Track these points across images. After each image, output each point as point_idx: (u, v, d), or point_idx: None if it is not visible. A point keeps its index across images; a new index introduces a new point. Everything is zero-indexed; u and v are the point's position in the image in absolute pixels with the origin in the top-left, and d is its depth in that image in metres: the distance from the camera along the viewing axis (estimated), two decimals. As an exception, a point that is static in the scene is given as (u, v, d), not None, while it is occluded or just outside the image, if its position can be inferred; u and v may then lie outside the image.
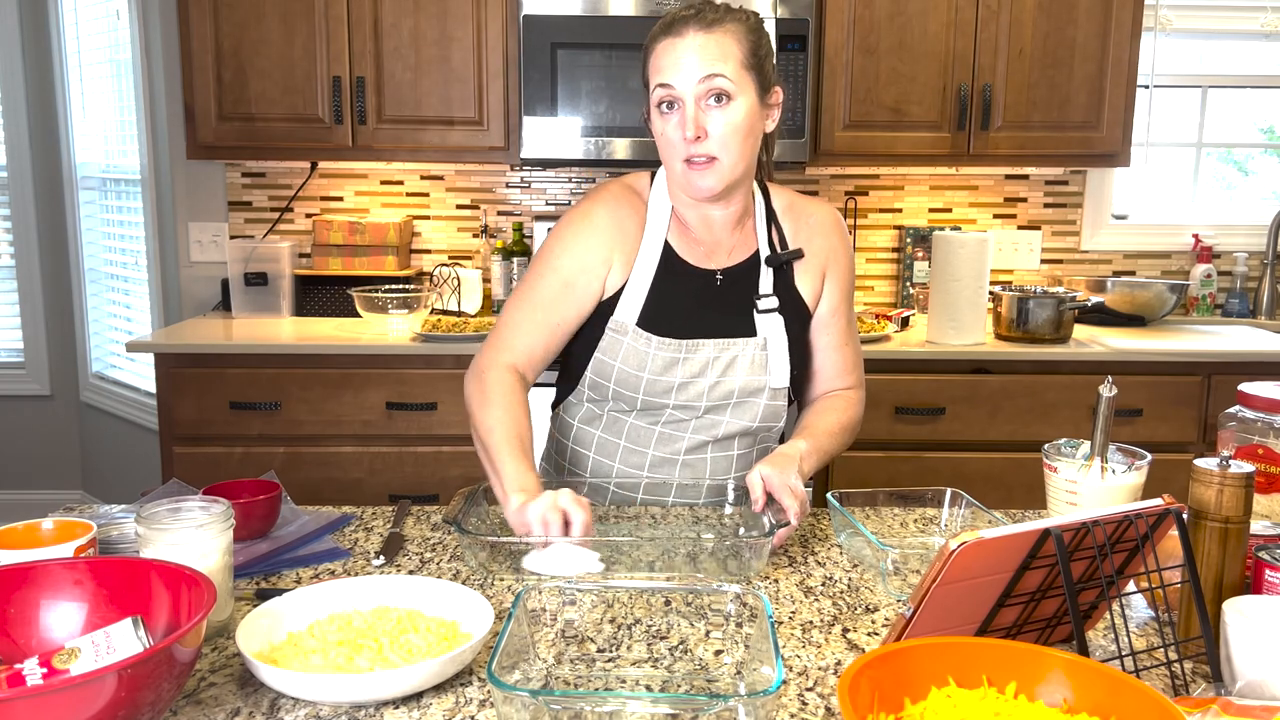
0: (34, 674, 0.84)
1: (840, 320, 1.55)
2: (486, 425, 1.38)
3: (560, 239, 1.48)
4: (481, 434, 1.39)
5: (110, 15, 3.40)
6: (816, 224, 1.54)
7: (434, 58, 2.80)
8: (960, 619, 0.93)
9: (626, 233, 1.48)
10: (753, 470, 1.34)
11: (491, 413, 1.38)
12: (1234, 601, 0.95)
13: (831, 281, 1.54)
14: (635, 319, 1.46)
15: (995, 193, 3.29)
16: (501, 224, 3.25)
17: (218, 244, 3.22)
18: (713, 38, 1.35)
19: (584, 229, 1.48)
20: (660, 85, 1.37)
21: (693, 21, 1.35)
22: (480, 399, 1.41)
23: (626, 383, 1.46)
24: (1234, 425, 1.30)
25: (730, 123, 1.36)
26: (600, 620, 1.08)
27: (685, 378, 1.45)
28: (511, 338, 1.46)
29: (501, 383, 1.41)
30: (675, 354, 1.45)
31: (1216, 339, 2.83)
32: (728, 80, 1.34)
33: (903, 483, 2.62)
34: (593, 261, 1.46)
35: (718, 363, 1.46)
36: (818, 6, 2.80)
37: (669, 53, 1.36)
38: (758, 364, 1.47)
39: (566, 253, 1.47)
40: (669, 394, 1.46)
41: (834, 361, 1.56)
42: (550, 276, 1.47)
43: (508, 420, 1.37)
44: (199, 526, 1.02)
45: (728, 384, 1.46)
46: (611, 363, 1.46)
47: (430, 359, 2.63)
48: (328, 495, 2.65)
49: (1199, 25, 3.35)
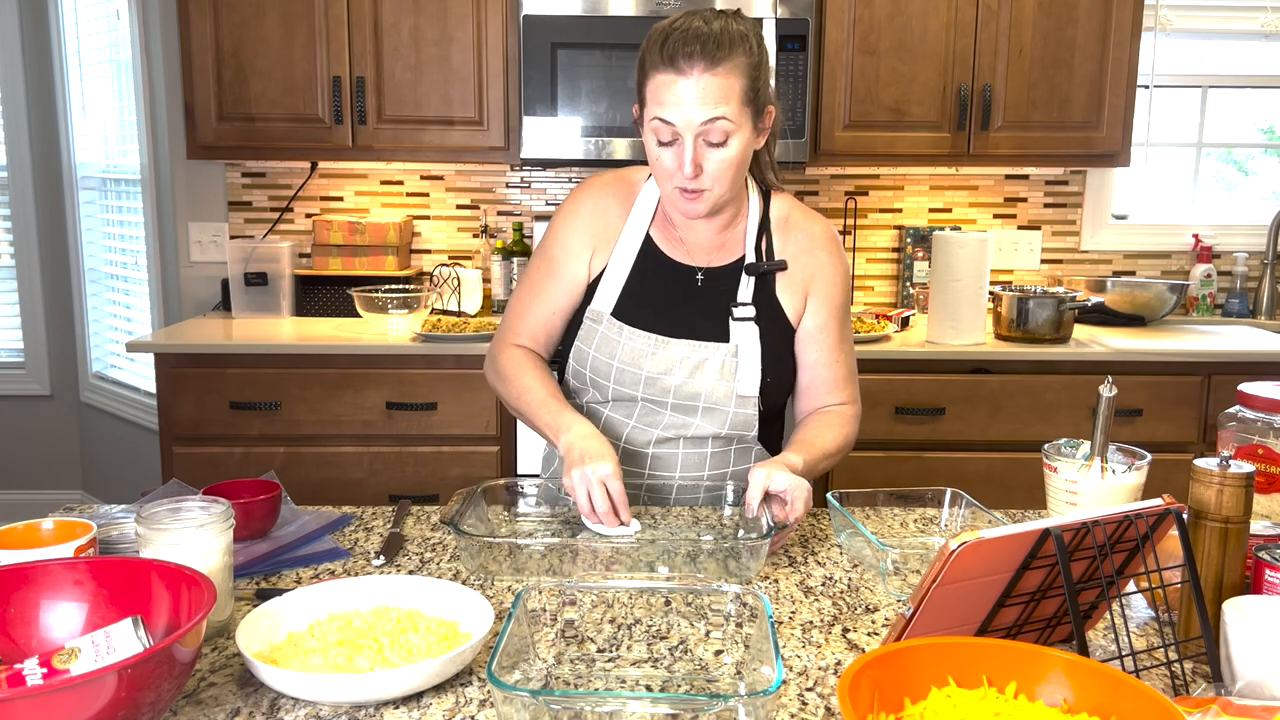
0: (34, 674, 0.84)
1: (829, 337, 1.53)
2: (516, 393, 1.49)
3: (550, 229, 1.57)
4: (514, 403, 1.50)
5: (110, 15, 3.40)
6: (806, 241, 1.52)
7: (434, 58, 2.80)
8: (960, 619, 0.93)
9: (608, 221, 1.53)
10: (754, 470, 1.33)
11: (516, 381, 1.50)
12: (1234, 601, 0.95)
13: (816, 299, 1.52)
14: (610, 308, 1.50)
15: (995, 193, 3.29)
16: (501, 224, 3.25)
17: (218, 244, 3.22)
18: (716, 79, 1.31)
19: (568, 216, 1.55)
20: (659, 120, 1.35)
21: (698, 59, 1.31)
22: (501, 377, 1.53)
23: (600, 370, 1.50)
24: (1234, 425, 1.30)
25: (725, 159, 1.37)
26: (600, 620, 1.08)
27: (653, 372, 1.47)
28: (516, 325, 1.57)
29: (515, 357, 1.53)
30: (645, 347, 1.47)
31: (1216, 339, 2.83)
32: (728, 121, 1.34)
33: (903, 483, 2.62)
34: (576, 247, 1.53)
35: (686, 363, 1.47)
36: (818, 6, 2.80)
37: (670, 89, 1.33)
38: (727, 370, 1.47)
39: (555, 241, 1.55)
40: (637, 386, 1.48)
41: (823, 378, 1.53)
42: (544, 268, 1.56)
43: (534, 382, 1.47)
44: (199, 526, 1.02)
45: (694, 385, 1.47)
46: (587, 350, 1.51)
47: (430, 359, 2.63)
48: (328, 495, 2.65)
49: (1199, 25, 3.35)
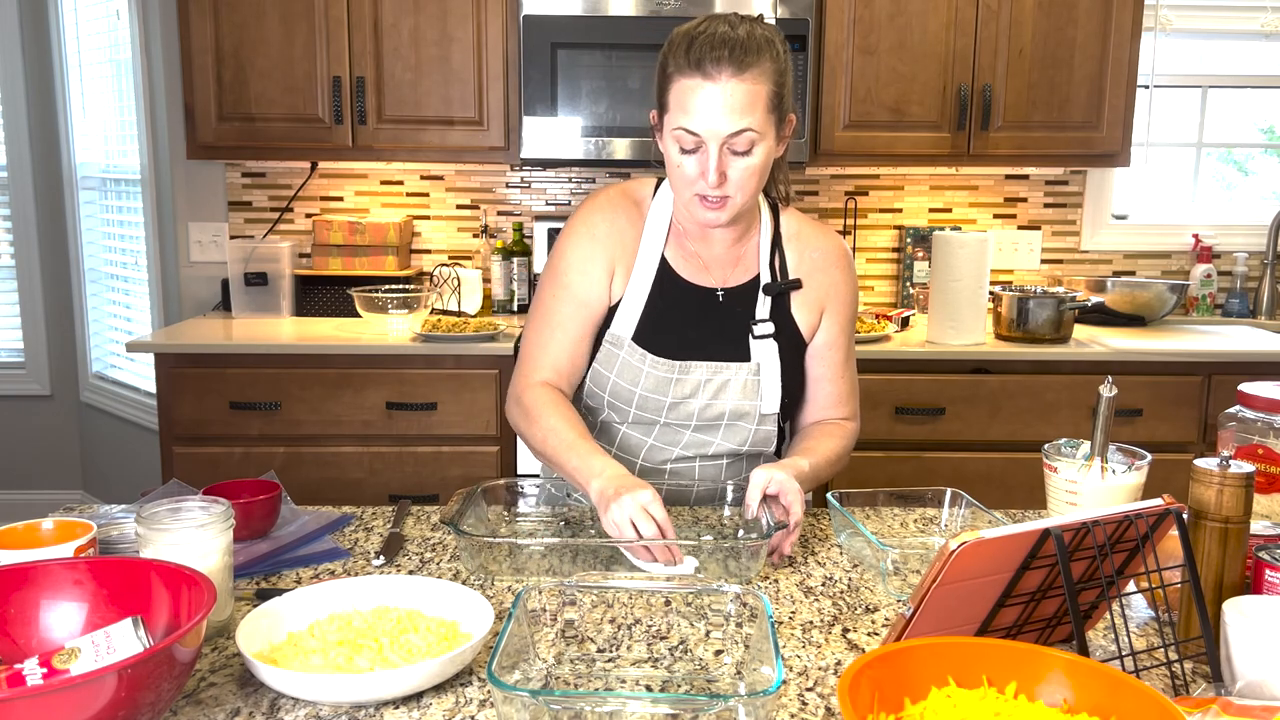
0: (34, 674, 0.84)
1: (837, 354, 1.54)
2: (541, 436, 1.40)
3: (563, 255, 1.50)
4: (538, 446, 1.41)
5: (110, 15, 3.40)
6: (820, 259, 1.52)
7: (434, 58, 2.80)
8: (960, 619, 0.93)
9: (625, 242, 1.49)
10: (755, 471, 1.33)
11: (542, 422, 1.40)
12: (1234, 601, 0.95)
13: (829, 317, 1.53)
14: (631, 334, 1.47)
15: (995, 193, 3.29)
16: (501, 224, 3.25)
17: (218, 244, 3.22)
18: (744, 86, 1.30)
19: (581, 238, 1.49)
20: (684, 129, 1.33)
21: (726, 64, 1.29)
22: (525, 417, 1.44)
23: (620, 395, 1.47)
24: (1234, 425, 1.30)
25: (749, 168, 1.35)
26: (600, 620, 1.08)
27: (677, 398, 1.46)
28: (538, 359, 1.48)
29: (541, 397, 1.44)
30: (668, 374, 1.45)
31: (1216, 339, 2.83)
32: (754, 131, 1.32)
33: (903, 483, 2.62)
34: (597, 273, 1.47)
35: (710, 385, 1.46)
36: (818, 6, 2.80)
37: (696, 95, 1.31)
38: (750, 389, 1.47)
39: (572, 268, 1.48)
40: (660, 411, 1.47)
41: (828, 393, 1.54)
42: (562, 295, 1.48)
43: (560, 424, 1.39)
44: (199, 526, 1.02)
45: (719, 406, 1.47)
46: (607, 374, 1.47)
47: (430, 359, 2.63)
48: (328, 495, 2.65)
49: (1199, 25, 3.35)
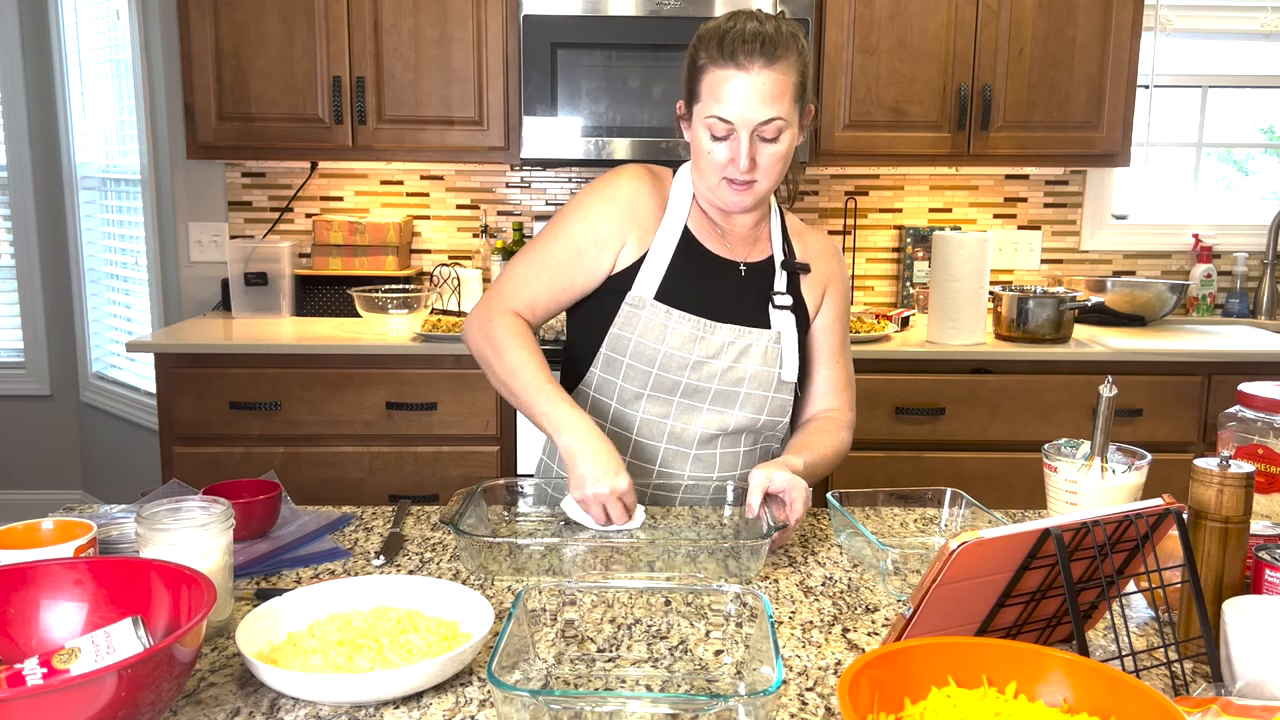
0: (34, 674, 0.84)
1: (834, 339, 1.59)
2: (509, 367, 1.41)
3: (579, 207, 1.50)
4: (504, 377, 1.42)
5: (110, 15, 3.40)
6: (819, 249, 1.61)
7: (434, 58, 2.80)
8: (960, 619, 0.93)
9: (646, 212, 1.50)
10: (753, 471, 1.34)
11: (512, 354, 1.41)
12: (1234, 601, 0.95)
13: (829, 300, 1.60)
14: (654, 293, 1.48)
15: (995, 193, 3.29)
16: (501, 224, 3.25)
17: (218, 244, 3.22)
18: (775, 75, 1.35)
19: (603, 201, 1.50)
20: (718, 117, 1.37)
21: (758, 55, 1.34)
22: (492, 345, 1.44)
23: (642, 355, 1.46)
24: (1234, 425, 1.30)
25: (777, 154, 1.40)
26: (600, 620, 1.08)
27: (702, 356, 1.46)
28: (518, 290, 1.49)
29: (513, 326, 1.44)
30: (695, 330, 1.46)
31: (1216, 339, 2.83)
32: (783, 119, 1.37)
33: (903, 483, 2.62)
34: (607, 233, 1.48)
35: (732, 348, 1.47)
36: (818, 6, 2.80)
37: (729, 85, 1.35)
38: (771, 356, 1.49)
39: (583, 221, 1.49)
40: (684, 370, 1.46)
41: (825, 377, 1.59)
42: (563, 240, 1.49)
43: (531, 360, 1.40)
44: (199, 526, 1.02)
45: (740, 370, 1.48)
46: (629, 335, 1.47)
47: (430, 359, 2.63)
48: (328, 495, 2.65)
49: (1199, 25, 3.35)
